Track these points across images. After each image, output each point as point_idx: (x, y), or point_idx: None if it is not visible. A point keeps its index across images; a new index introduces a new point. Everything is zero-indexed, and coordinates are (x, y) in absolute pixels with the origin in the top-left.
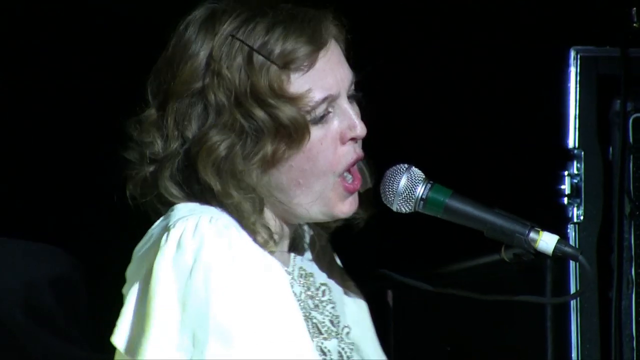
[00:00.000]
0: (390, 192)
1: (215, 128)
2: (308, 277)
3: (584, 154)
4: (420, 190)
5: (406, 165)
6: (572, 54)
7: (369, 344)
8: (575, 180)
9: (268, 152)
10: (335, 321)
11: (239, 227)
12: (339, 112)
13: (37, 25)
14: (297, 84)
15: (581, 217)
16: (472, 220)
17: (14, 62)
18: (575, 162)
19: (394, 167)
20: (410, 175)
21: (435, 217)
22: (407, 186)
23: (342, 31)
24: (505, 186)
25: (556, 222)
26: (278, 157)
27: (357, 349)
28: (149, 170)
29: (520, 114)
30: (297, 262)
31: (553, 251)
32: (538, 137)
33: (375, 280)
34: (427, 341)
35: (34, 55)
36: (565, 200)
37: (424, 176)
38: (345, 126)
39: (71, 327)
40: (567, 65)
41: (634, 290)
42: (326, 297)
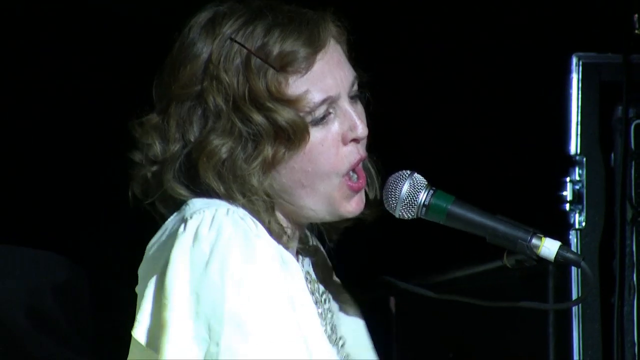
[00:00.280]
0: (393, 199)
1: (215, 132)
2: (313, 282)
3: (585, 160)
4: (422, 196)
5: (408, 172)
6: (574, 60)
7: (364, 356)
8: (577, 187)
9: (268, 155)
10: (334, 330)
11: (256, 220)
12: (340, 113)
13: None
14: (295, 86)
15: (583, 223)
16: (475, 227)
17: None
18: (577, 169)
19: (396, 174)
20: (413, 181)
21: (438, 224)
22: (409, 192)
23: (343, 32)
24: (507, 192)
25: (558, 228)
26: (278, 160)
27: None
28: (150, 171)
29: (522, 120)
30: (304, 266)
31: (555, 257)
32: (540, 144)
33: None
34: (430, 348)
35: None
36: (567, 206)
37: (426, 182)
38: (346, 127)
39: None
40: (569, 72)
41: (635, 296)
42: (327, 305)
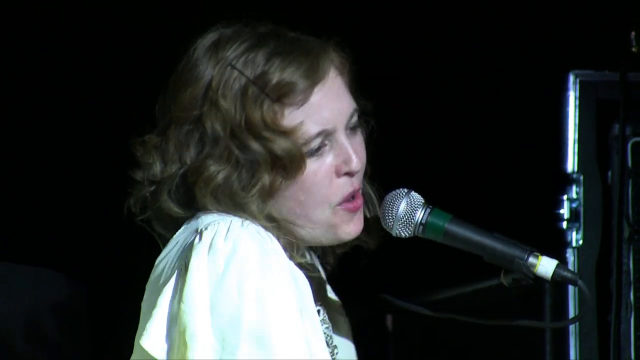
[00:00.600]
0: (390, 217)
1: (212, 158)
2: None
3: (583, 178)
4: (419, 214)
5: (405, 190)
6: (572, 78)
7: None
8: (574, 205)
9: (266, 183)
10: (329, 341)
11: (270, 234)
12: (336, 145)
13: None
14: (291, 117)
15: (580, 242)
16: (472, 245)
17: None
18: (574, 187)
19: (393, 192)
20: (410, 199)
21: (435, 242)
22: (406, 211)
23: (345, 63)
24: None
25: (555, 247)
26: (276, 188)
27: None
28: (149, 191)
29: (519, 138)
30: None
31: (552, 276)
32: (537, 161)
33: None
34: None
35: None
36: (564, 224)
37: (423, 201)
38: (340, 160)
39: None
40: (566, 89)
41: (632, 314)
42: (321, 316)
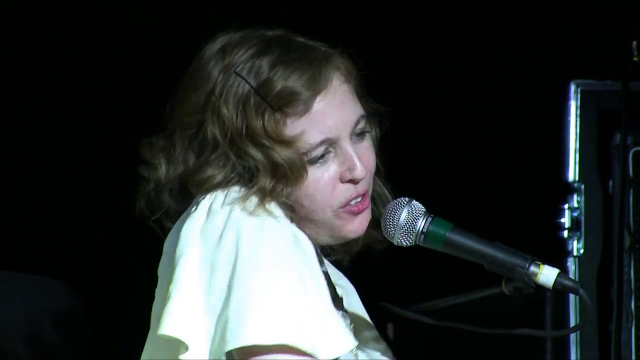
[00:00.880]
0: (391, 226)
1: (209, 164)
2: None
3: (584, 187)
4: (420, 224)
5: (407, 199)
6: (573, 87)
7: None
8: (575, 214)
9: (267, 187)
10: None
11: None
12: (340, 153)
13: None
14: (293, 126)
15: (581, 251)
16: (473, 254)
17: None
18: (575, 196)
19: (394, 201)
20: (411, 209)
21: (436, 251)
22: (407, 220)
23: (351, 70)
24: (505, 219)
25: (556, 255)
26: (277, 194)
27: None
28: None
29: (521, 147)
30: (323, 265)
31: (553, 285)
32: (538, 171)
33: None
34: None
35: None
36: (565, 233)
37: (424, 210)
38: (345, 167)
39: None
40: (567, 99)
41: (633, 323)
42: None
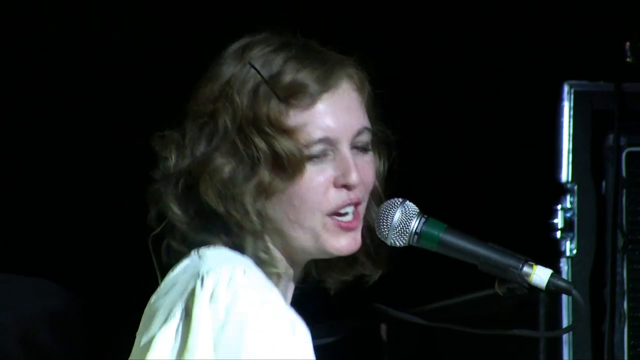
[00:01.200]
0: (385, 226)
1: (219, 151)
2: None
3: (577, 188)
4: (414, 224)
5: (400, 199)
6: (566, 88)
7: None
8: (568, 215)
9: (264, 180)
10: None
11: (267, 280)
12: (338, 157)
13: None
14: (295, 118)
15: (574, 251)
16: (466, 255)
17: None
18: (568, 196)
19: (388, 201)
20: (405, 209)
21: (430, 251)
22: (401, 220)
23: (364, 81)
24: (499, 220)
25: (549, 256)
26: (274, 188)
27: None
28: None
29: (514, 148)
30: None
31: (546, 285)
32: (532, 171)
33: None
34: None
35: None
36: (558, 234)
37: (418, 210)
38: (340, 172)
39: None
40: (560, 100)
41: (626, 324)
42: None
